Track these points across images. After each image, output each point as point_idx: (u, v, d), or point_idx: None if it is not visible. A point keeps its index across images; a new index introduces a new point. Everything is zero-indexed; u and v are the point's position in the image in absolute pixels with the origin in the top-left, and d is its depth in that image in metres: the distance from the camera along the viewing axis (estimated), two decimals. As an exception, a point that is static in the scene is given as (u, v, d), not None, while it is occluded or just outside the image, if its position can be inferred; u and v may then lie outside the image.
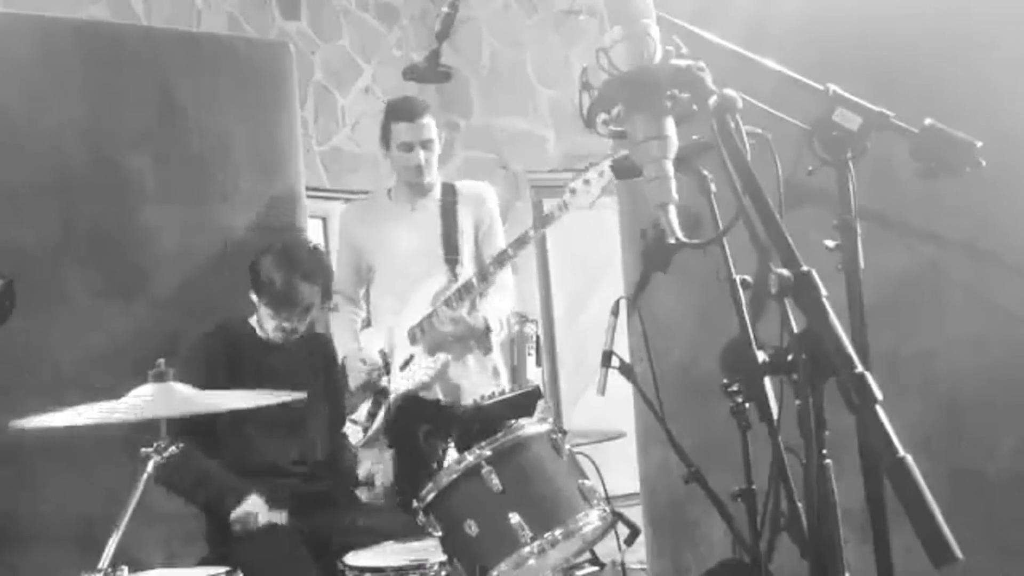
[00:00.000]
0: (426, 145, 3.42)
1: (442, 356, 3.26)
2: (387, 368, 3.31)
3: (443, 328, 3.25)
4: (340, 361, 3.31)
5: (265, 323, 2.94)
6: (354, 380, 3.30)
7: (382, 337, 3.39)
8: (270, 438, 2.88)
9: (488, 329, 3.34)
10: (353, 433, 3.30)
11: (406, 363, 2.90)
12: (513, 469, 2.20)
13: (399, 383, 3.29)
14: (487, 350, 3.44)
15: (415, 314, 3.30)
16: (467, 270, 3.40)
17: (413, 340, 3.28)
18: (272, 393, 2.32)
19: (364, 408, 3.33)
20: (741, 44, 1.76)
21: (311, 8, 5.49)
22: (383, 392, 3.28)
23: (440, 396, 3.39)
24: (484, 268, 3.29)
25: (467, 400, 3.28)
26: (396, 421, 3.34)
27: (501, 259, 3.22)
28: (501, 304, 3.43)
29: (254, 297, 2.93)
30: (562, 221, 3.17)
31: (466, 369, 3.43)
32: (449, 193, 3.51)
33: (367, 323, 3.60)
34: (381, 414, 3.27)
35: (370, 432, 3.29)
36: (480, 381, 3.39)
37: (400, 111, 3.45)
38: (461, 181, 3.67)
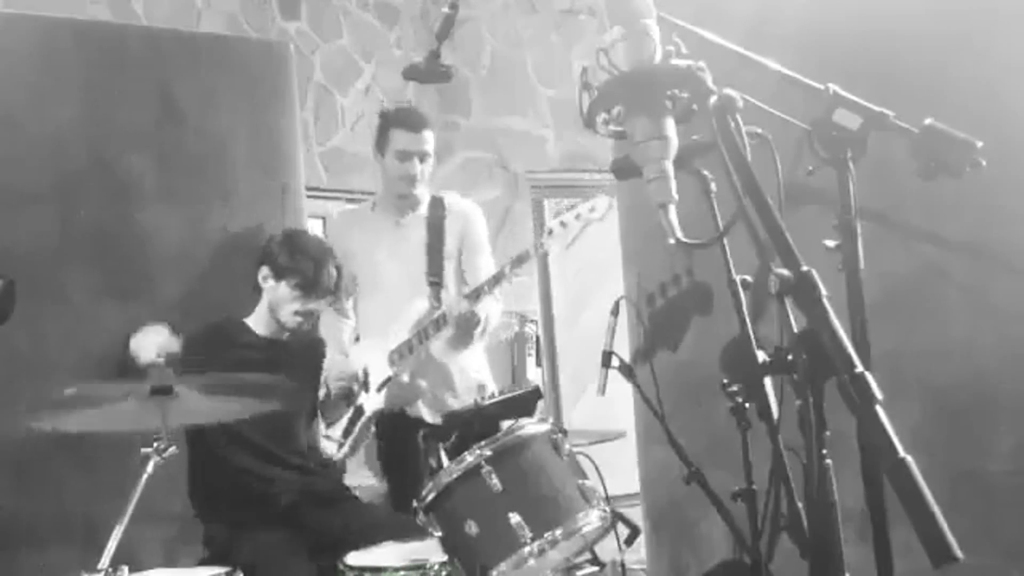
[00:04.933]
0: (423, 158, 3.40)
1: (421, 383, 3.27)
2: (366, 386, 3.29)
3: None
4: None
5: (282, 311, 2.94)
6: (333, 388, 3.24)
7: (369, 354, 3.34)
8: (264, 436, 2.87)
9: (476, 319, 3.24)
10: (326, 448, 3.28)
11: (383, 385, 2.89)
12: (513, 469, 2.20)
13: (374, 403, 3.26)
14: (468, 345, 3.41)
15: (396, 337, 3.27)
16: (450, 292, 3.38)
17: (392, 363, 3.26)
18: (274, 400, 2.32)
19: (340, 425, 3.30)
20: (741, 44, 1.76)
21: (311, 8, 5.47)
22: (359, 411, 3.26)
23: (425, 415, 3.38)
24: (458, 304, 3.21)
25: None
26: (388, 433, 3.34)
27: (476, 293, 3.16)
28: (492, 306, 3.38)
29: (270, 283, 2.94)
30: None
31: (451, 387, 3.43)
32: (437, 207, 3.48)
33: (356, 337, 3.57)
34: (356, 431, 3.25)
35: (344, 448, 3.26)
36: (465, 397, 3.37)
37: (403, 119, 3.42)
38: (451, 195, 3.61)
